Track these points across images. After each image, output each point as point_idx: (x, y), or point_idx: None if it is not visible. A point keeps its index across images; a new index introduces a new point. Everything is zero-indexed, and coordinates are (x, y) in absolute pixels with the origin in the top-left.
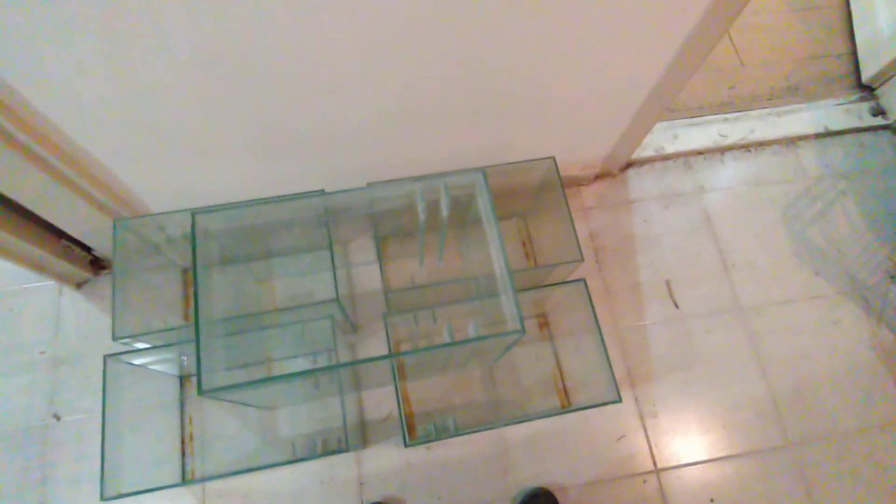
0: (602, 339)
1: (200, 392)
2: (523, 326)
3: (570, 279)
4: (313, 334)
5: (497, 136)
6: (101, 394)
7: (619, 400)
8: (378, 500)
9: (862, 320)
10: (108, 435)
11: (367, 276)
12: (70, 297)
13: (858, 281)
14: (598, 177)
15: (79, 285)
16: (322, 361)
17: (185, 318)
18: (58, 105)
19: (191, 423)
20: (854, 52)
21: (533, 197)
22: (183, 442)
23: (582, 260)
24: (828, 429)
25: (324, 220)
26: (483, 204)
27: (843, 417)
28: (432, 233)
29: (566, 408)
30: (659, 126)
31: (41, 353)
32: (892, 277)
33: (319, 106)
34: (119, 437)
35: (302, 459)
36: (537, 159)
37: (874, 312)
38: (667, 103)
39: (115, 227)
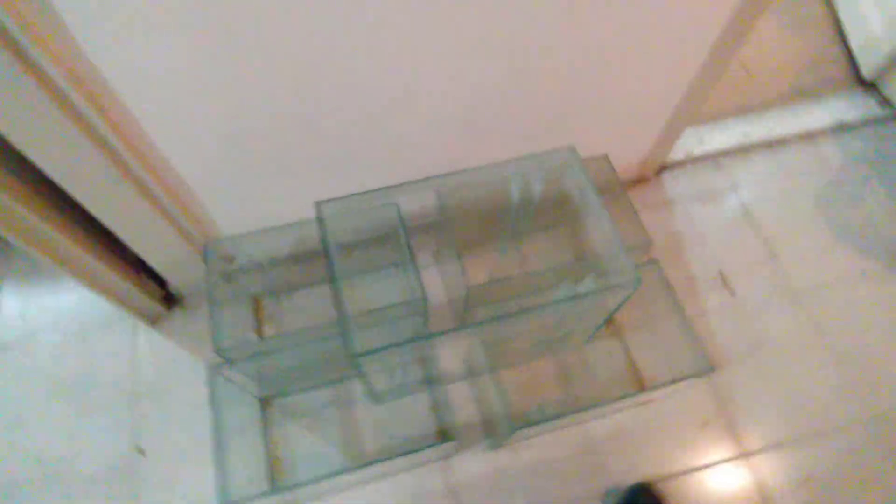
0: (683, 312)
1: (352, 356)
2: (639, 278)
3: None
4: (403, 332)
5: (541, 143)
6: (184, 425)
7: (712, 369)
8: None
9: None
10: (215, 446)
11: (435, 289)
12: (145, 333)
13: None
14: (635, 182)
15: (153, 321)
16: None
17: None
18: (158, 121)
19: (276, 445)
20: (848, 55)
21: (558, 213)
22: (271, 464)
23: (651, 242)
24: None
25: (399, 227)
26: (575, 175)
27: None
28: (505, 225)
29: (642, 391)
30: (684, 131)
31: (121, 390)
32: None
33: (398, 117)
34: (219, 451)
35: (407, 452)
36: (589, 158)
37: None
38: (698, 105)
39: (206, 249)
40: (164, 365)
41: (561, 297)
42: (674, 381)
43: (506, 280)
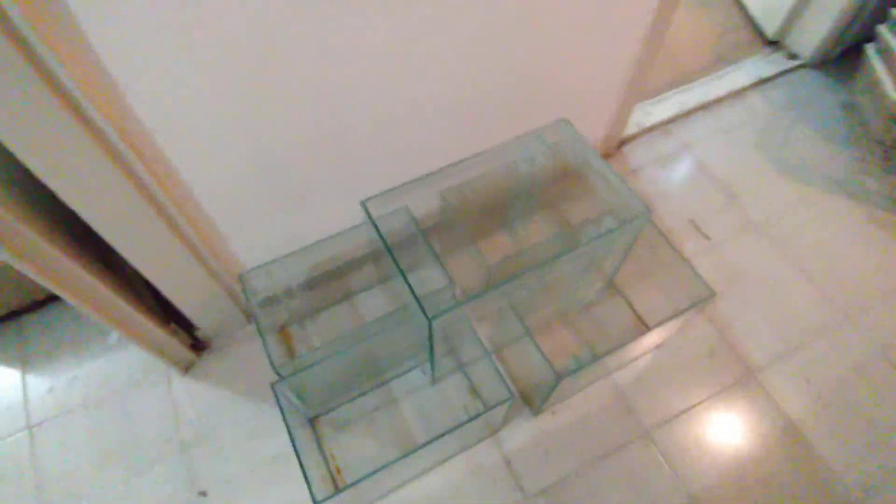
0: (675, 250)
1: (429, 317)
2: (648, 207)
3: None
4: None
5: (514, 131)
6: (237, 460)
7: (713, 293)
8: None
9: (853, 206)
10: (297, 451)
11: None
12: (180, 382)
13: (837, 179)
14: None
15: (185, 369)
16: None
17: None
18: (189, 162)
19: (333, 458)
20: (750, 23)
21: (561, 182)
22: (334, 477)
23: (650, 211)
24: (869, 293)
25: (411, 223)
26: (573, 142)
27: (875, 280)
28: (506, 212)
29: (650, 329)
30: (634, 108)
31: (167, 441)
32: (861, 169)
33: (403, 129)
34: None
35: (457, 427)
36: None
37: (861, 199)
38: (643, 81)
39: (241, 279)
40: (205, 408)
41: (592, 236)
42: (678, 314)
43: (524, 252)
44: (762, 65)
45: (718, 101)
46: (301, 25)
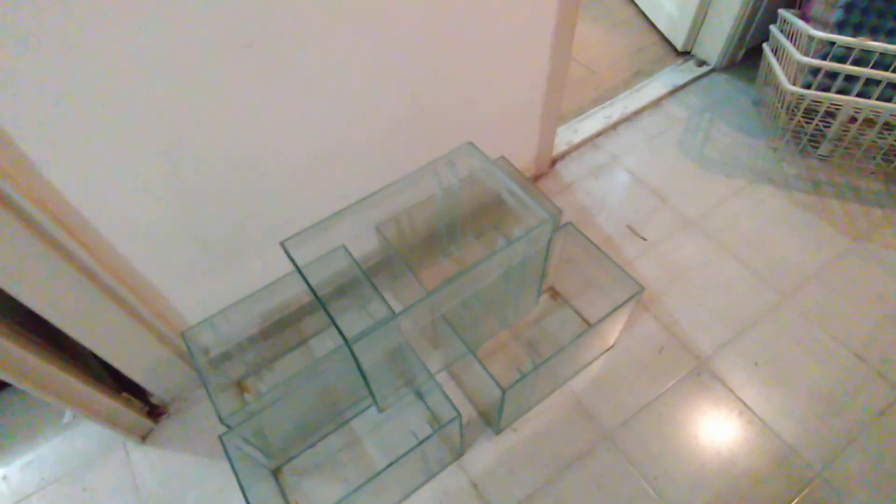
0: (605, 254)
1: (348, 342)
2: (553, 216)
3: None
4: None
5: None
6: None
7: (642, 289)
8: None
9: (776, 192)
10: None
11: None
12: (138, 452)
13: (758, 169)
14: (537, 178)
15: (143, 437)
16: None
17: None
18: (125, 235)
19: None
20: (662, 38)
21: (488, 204)
22: None
23: (561, 211)
24: (801, 272)
25: (349, 258)
26: (478, 162)
27: (806, 259)
28: (438, 239)
29: (590, 327)
30: (560, 128)
31: None
32: (777, 157)
33: (320, 174)
34: None
35: (416, 446)
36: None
37: (782, 185)
38: (558, 103)
39: (185, 336)
40: (167, 474)
41: (503, 246)
42: (612, 311)
43: (458, 274)
44: (675, 74)
45: (639, 112)
46: (208, 101)
